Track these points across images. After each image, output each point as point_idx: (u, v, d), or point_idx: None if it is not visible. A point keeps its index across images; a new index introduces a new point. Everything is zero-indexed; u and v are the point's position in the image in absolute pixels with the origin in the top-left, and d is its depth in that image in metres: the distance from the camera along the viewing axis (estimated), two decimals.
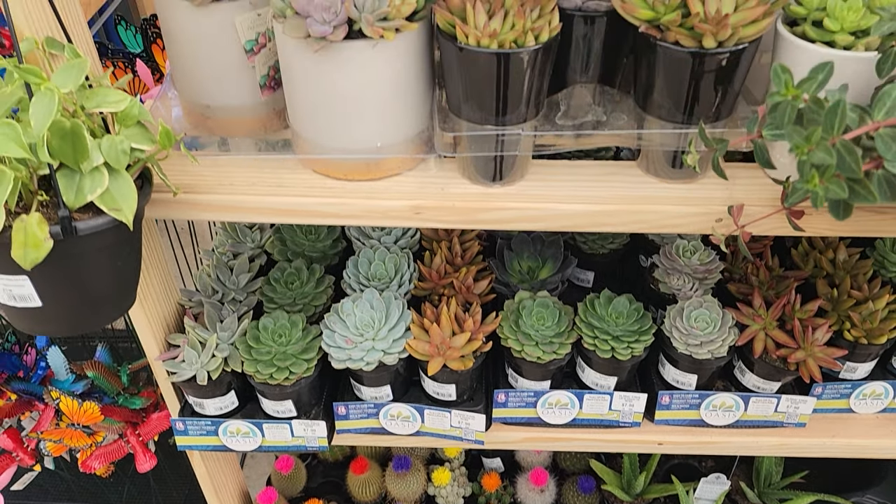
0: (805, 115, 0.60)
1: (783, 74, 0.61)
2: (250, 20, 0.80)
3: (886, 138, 0.57)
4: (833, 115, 0.57)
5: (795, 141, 0.59)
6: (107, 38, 1.75)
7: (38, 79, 0.62)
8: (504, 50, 0.71)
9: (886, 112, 0.58)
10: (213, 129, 0.89)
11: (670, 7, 0.72)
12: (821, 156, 0.57)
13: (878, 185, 0.58)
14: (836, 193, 0.58)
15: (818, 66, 0.61)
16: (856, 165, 0.56)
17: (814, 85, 0.60)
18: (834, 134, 0.57)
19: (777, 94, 0.61)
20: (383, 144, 0.80)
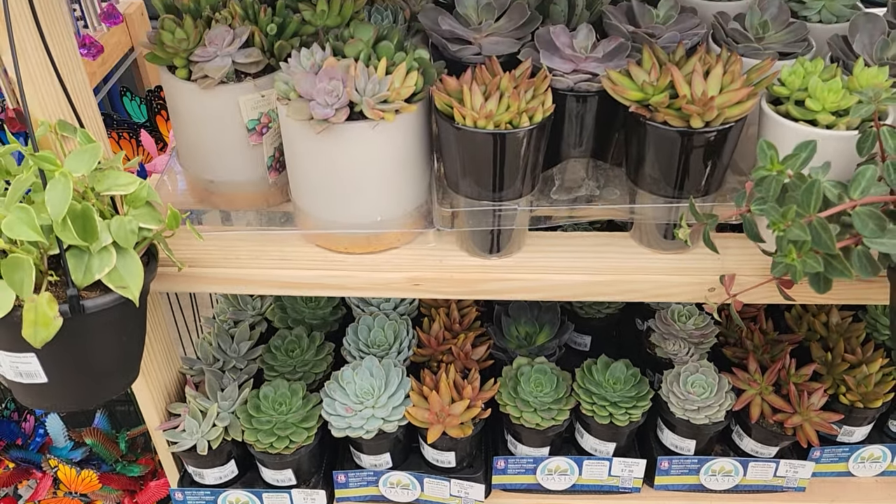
0: (789, 190, 0.63)
1: (769, 150, 0.64)
2: (254, 101, 0.83)
3: (863, 216, 0.59)
4: (809, 194, 0.59)
5: (773, 217, 0.61)
6: (112, 109, 1.79)
7: (53, 165, 0.64)
8: (500, 130, 0.74)
9: (862, 191, 0.60)
10: (217, 203, 0.91)
11: (658, 89, 0.75)
12: (796, 232, 0.59)
13: (858, 260, 0.60)
14: (813, 267, 0.60)
15: (802, 143, 0.64)
16: (830, 242, 0.58)
17: (798, 162, 0.63)
18: (810, 211, 0.59)
19: (763, 168, 0.64)
20: (383, 219, 0.82)
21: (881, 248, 0.58)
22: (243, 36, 0.82)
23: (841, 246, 0.60)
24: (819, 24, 0.92)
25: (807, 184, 0.60)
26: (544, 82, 0.78)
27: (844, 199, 0.61)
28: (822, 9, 0.92)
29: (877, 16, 0.84)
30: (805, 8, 0.93)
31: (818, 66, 0.76)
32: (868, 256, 0.61)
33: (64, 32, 0.75)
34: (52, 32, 0.72)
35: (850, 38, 0.83)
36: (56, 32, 0.73)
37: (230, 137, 0.85)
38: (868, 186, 0.60)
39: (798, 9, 0.93)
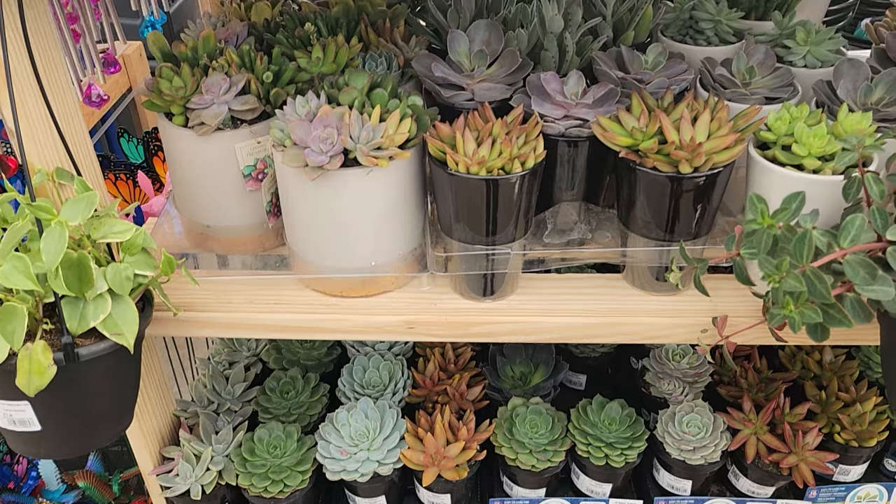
0: (780, 241, 0.63)
1: (759, 204, 0.65)
2: (250, 147, 0.84)
3: (854, 264, 0.60)
4: (801, 245, 0.60)
5: (767, 270, 0.62)
6: (109, 149, 1.81)
7: (49, 215, 0.65)
8: (492, 176, 0.75)
9: (852, 239, 0.61)
10: (213, 247, 0.92)
11: (647, 135, 0.76)
12: (792, 283, 0.60)
13: (851, 307, 0.61)
14: (811, 318, 0.61)
15: (791, 196, 0.65)
16: (826, 292, 0.59)
17: (787, 215, 0.64)
18: (803, 262, 0.60)
19: (753, 222, 0.65)
20: (378, 263, 0.83)
21: (873, 296, 0.59)
22: (240, 84, 0.83)
23: (833, 294, 0.60)
24: (804, 69, 0.94)
25: (799, 235, 0.60)
26: (536, 128, 0.79)
27: (834, 247, 0.61)
28: (806, 54, 0.94)
29: (860, 62, 0.86)
30: (790, 53, 0.95)
31: (804, 112, 0.78)
32: (860, 303, 0.61)
33: (62, 80, 0.76)
34: (50, 81, 0.73)
35: (834, 84, 0.85)
36: (54, 80, 0.74)
37: (226, 183, 0.86)
38: (858, 235, 0.61)
39: (784, 54, 0.95)
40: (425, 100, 0.92)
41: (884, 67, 0.93)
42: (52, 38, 0.73)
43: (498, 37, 0.91)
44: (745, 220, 0.66)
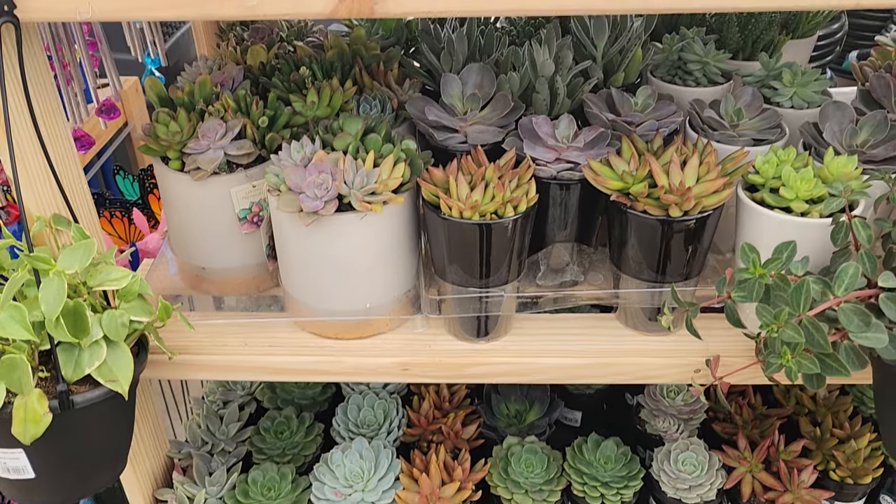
0: (772, 289, 0.64)
1: (751, 254, 0.66)
2: (245, 191, 0.85)
3: (848, 312, 0.61)
4: (798, 294, 0.61)
5: (765, 319, 0.62)
6: (105, 185, 1.82)
7: (47, 265, 0.66)
8: (485, 221, 0.76)
9: (845, 288, 0.62)
10: (209, 288, 0.92)
11: (637, 178, 0.77)
12: (790, 333, 0.60)
13: (846, 354, 0.62)
14: (809, 368, 0.61)
15: (782, 245, 0.66)
16: (823, 341, 0.60)
17: (779, 264, 0.65)
18: (801, 311, 0.61)
19: (745, 271, 0.66)
20: (372, 305, 0.83)
21: (867, 343, 0.60)
22: (235, 128, 0.84)
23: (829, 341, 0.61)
24: (791, 110, 0.96)
25: (796, 284, 0.61)
26: (528, 172, 0.81)
27: (828, 295, 0.62)
28: (793, 95, 0.96)
29: (845, 105, 0.87)
30: (777, 94, 0.96)
31: (790, 155, 0.79)
32: (855, 351, 0.62)
33: (60, 127, 0.77)
34: (48, 128, 0.74)
35: (820, 126, 0.87)
36: (52, 128, 0.75)
37: (222, 226, 0.86)
38: (851, 283, 0.62)
39: (770, 95, 0.97)
40: (419, 142, 0.93)
41: (869, 109, 0.95)
42: (50, 84, 0.74)
43: (490, 80, 0.92)
44: (737, 269, 0.67)
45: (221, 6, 0.63)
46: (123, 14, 0.64)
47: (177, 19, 0.68)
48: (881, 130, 0.84)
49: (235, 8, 0.63)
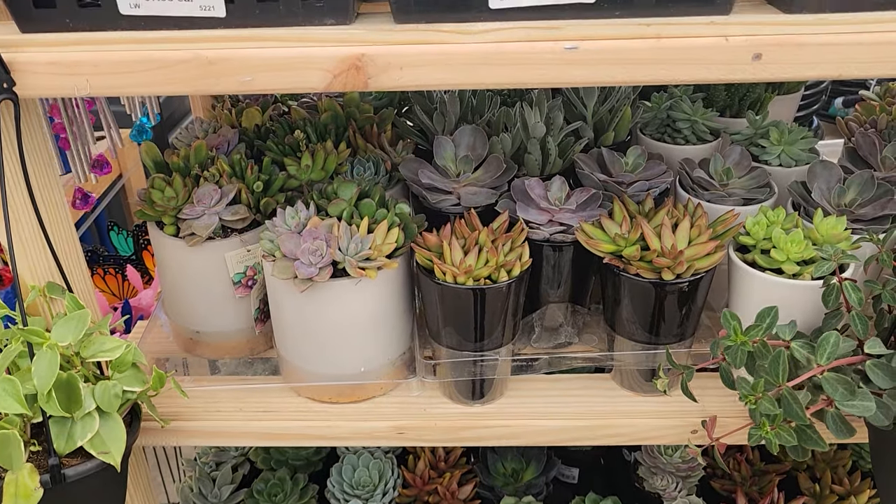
0: (756, 356, 0.65)
1: (732, 321, 0.66)
2: (240, 255, 0.85)
3: (833, 381, 0.61)
4: (776, 364, 0.62)
5: (744, 391, 0.63)
6: (99, 239, 1.82)
7: (41, 338, 0.65)
8: (479, 286, 0.76)
9: (828, 356, 0.62)
10: (203, 351, 0.92)
11: (630, 241, 0.78)
12: (767, 406, 0.61)
13: (833, 422, 0.62)
14: (787, 440, 0.61)
15: (764, 310, 0.67)
16: (801, 412, 0.60)
17: (760, 332, 0.65)
18: (780, 381, 0.61)
19: (727, 339, 0.66)
20: (367, 369, 0.83)
21: (854, 412, 0.60)
22: (230, 194, 0.85)
23: (814, 410, 0.61)
24: (779, 168, 0.97)
25: (773, 354, 0.62)
26: (521, 235, 0.81)
27: (813, 362, 0.63)
28: (781, 153, 0.97)
29: (832, 164, 0.89)
30: (765, 153, 0.98)
31: (780, 216, 0.80)
32: (842, 419, 0.62)
33: (56, 196, 0.77)
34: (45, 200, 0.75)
35: (808, 185, 0.88)
36: (49, 198, 0.76)
37: (216, 290, 0.87)
38: (834, 351, 0.62)
39: (758, 153, 0.99)
40: (413, 203, 0.94)
41: (856, 166, 0.96)
42: (48, 155, 0.75)
43: (483, 141, 0.93)
44: (721, 338, 0.67)
45: (218, 82, 0.64)
46: (121, 90, 0.65)
47: (174, 94, 0.69)
48: (868, 190, 0.85)
49: (231, 84, 0.64)
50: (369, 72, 0.63)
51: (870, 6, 0.63)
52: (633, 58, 0.62)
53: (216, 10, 0.63)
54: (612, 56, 0.62)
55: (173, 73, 0.64)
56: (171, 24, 0.64)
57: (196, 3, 0.63)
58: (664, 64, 0.63)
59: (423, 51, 0.63)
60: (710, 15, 0.63)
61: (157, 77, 0.64)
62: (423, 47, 0.63)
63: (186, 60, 0.63)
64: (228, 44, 0.63)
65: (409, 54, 0.63)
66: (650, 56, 0.62)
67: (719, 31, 0.62)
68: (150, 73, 0.64)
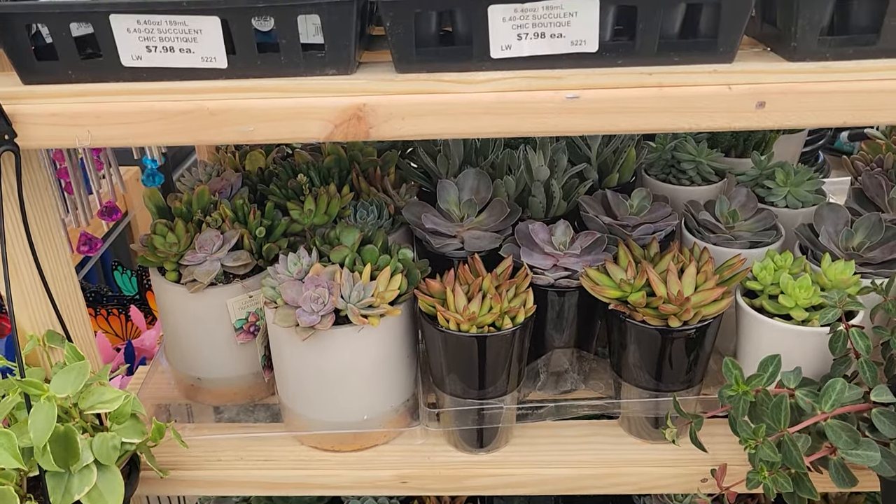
0: (758, 404, 0.63)
1: (734, 370, 0.65)
2: (242, 301, 0.85)
3: (836, 429, 0.60)
4: (777, 411, 0.60)
5: (744, 435, 0.61)
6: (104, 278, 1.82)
7: (39, 390, 0.65)
8: (483, 333, 0.75)
9: (832, 404, 0.61)
10: (205, 398, 0.91)
11: (635, 287, 0.77)
12: (766, 452, 0.59)
13: (836, 471, 0.60)
14: (783, 487, 0.60)
15: (767, 359, 0.66)
16: (800, 460, 0.58)
17: (762, 381, 0.64)
18: (780, 428, 0.60)
19: (729, 388, 0.65)
20: (369, 417, 0.82)
21: (857, 461, 0.59)
22: (232, 240, 0.85)
23: (818, 457, 0.60)
24: (786, 209, 0.96)
25: (775, 400, 0.60)
26: (525, 281, 0.80)
27: (818, 409, 0.61)
28: (787, 195, 0.97)
29: (839, 206, 0.88)
30: (771, 194, 0.97)
31: (787, 260, 0.79)
32: (845, 467, 0.61)
33: (58, 243, 0.77)
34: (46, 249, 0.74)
35: (816, 228, 0.87)
36: (50, 247, 0.75)
37: (218, 337, 0.86)
38: (838, 399, 0.61)
39: (764, 194, 0.98)
40: (416, 246, 0.93)
41: (862, 207, 0.96)
42: (50, 201, 0.75)
43: (486, 185, 0.93)
44: (723, 386, 0.66)
45: (219, 133, 0.64)
46: (122, 141, 0.65)
47: (175, 144, 0.69)
48: (876, 233, 0.84)
49: (232, 134, 0.64)
50: (371, 122, 0.63)
51: (873, 54, 0.62)
52: (635, 107, 0.62)
53: (218, 62, 0.63)
54: (614, 105, 0.62)
55: (174, 124, 0.63)
56: (174, 76, 0.64)
57: (198, 55, 0.63)
58: (667, 113, 0.62)
59: (424, 100, 0.63)
60: (713, 63, 0.63)
61: (159, 128, 0.64)
62: (424, 97, 0.63)
63: (188, 111, 0.63)
64: (230, 94, 0.63)
65: (410, 104, 0.63)
66: (653, 105, 0.62)
67: (722, 79, 0.62)
68: (151, 124, 0.64)
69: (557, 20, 0.61)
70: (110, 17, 0.61)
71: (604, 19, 0.61)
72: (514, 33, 0.62)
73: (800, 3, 0.60)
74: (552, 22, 0.61)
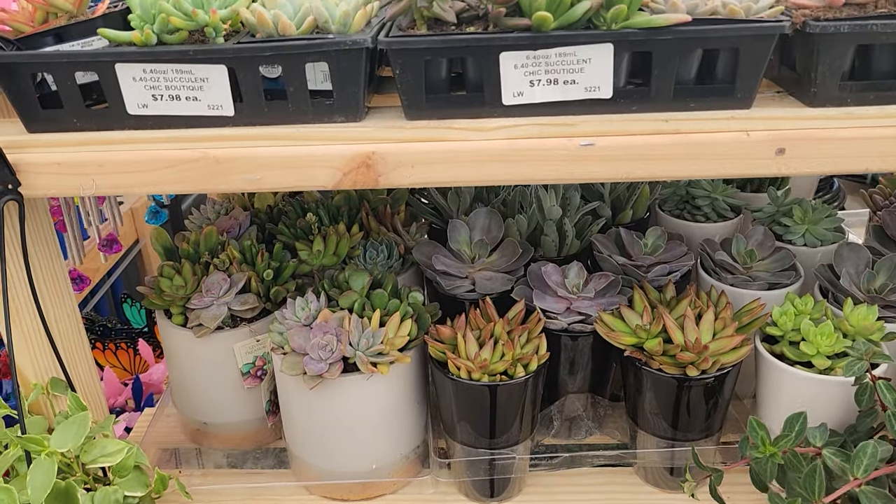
0: (787, 467, 0.61)
1: (759, 431, 0.63)
2: (249, 346, 0.83)
3: (870, 495, 0.57)
4: (812, 480, 0.58)
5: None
6: (114, 308, 1.81)
7: (39, 446, 0.63)
8: (495, 382, 0.73)
9: (864, 469, 0.58)
10: (211, 443, 0.89)
11: (651, 333, 0.75)
12: None
13: None
14: None
15: (793, 417, 0.63)
16: None
17: (790, 441, 0.62)
18: (816, 497, 0.58)
19: (756, 449, 0.63)
20: (379, 466, 0.80)
21: None
22: (240, 283, 0.83)
23: None
24: (804, 248, 0.94)
25: (808, 469, 0.58)
26: (538, 326, 0.78)
27: (848, 473, 0.59)
28: (805, 232, 0.94)
29: (859, 246, 0.86)
30: (789, 232, 0.95)
31: (808, 305, 0.77)
32: None
33: (62, 289, 0.76)
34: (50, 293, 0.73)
35: (836, 269, 0.85)
36: (54, 293, 0.74)
37: (224, 381, 0.84)
38: (871, 463, 0.58)
39: (782, 232, 0.96)
40: (426, 286, 0.92)
41: (882, 244, 0.94)
42: (54, 248, 0.74)
43: (498, 224, 0.91)
44: (749, 446, 0.63)
45: (225, 181, 0.62)
46: (127, 189, 0.64)
47: (181, 192, 0.68)
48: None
49: (239, 182, 0.62)
50: (379, 169, 0.62)
51: (894, 99, 0.61)
52: (651, 154, 0.61)
53: (224, 109, 0.62)
54: (629, 152, 0.61)
55: (180, 173, 0.62)
56: (180, 123, 0.63)
57: (204, 103, 0.62)
58: (683, 160, 0.61)
59: (434, 148, 0.61)
60: (731, 109, 0.61)
61: (165, 176, 0.63)
62: (434, 145, 0.61)
63: (194, 160, 0.62)
64: (236, 143, 0.62)
65: (420, 152, 0.61)
66: (669, 152, 0.61)
67: (740, 125, 0.60)
68: (157, 173, 0.63)
69: (571, 67, 0.60)
70: (116, 66, 0.60)
71: (618, 66, 0.60)
72: (526, 80, 0.61)
73: (820, 49, 0.58)
74: (565, 69, 0.60)
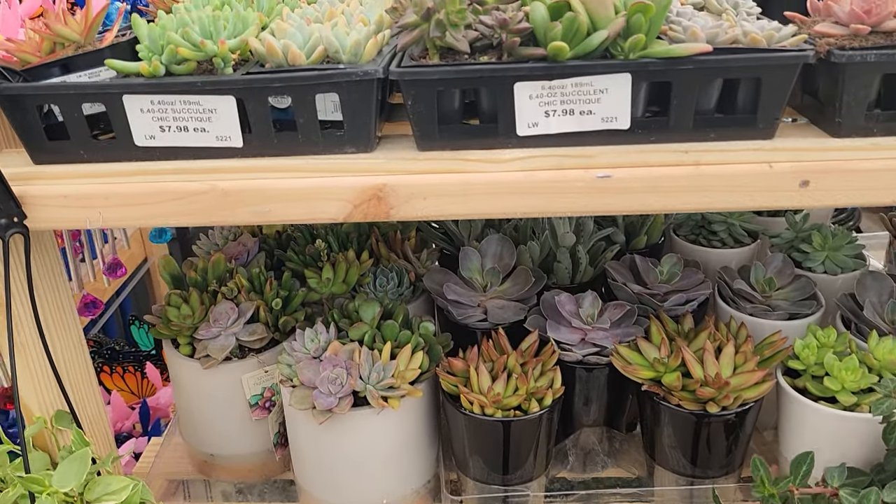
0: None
1: (760, 469, 0.61)
2: (257, 377, 0.82)
3: None
4: None
5: None
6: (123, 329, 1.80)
7: (41, 486, 0.61)
8: (508, 418, 0.71)
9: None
10: (218, 475, 0.87)
11: (670, 367, 0.73)
12: None
13: None
14: None
15: (800, 457, 0.61)
16: None
17: (796, 480, 0.60)
18: None
19: (757, 489, 0.61)
20: (389, 501, 0.78)
21: None
22: (248, 312, 0.82)
23: None
24: (824, 275, 0.92)
25: None
26: (552, 358, 0.77)
27: None
28: (825, 260, 0.92)
29: (883, 275, 0.84)
30: (808, 259, 0.93)
31: (831, 337, 0.74)
32: None
33: (69, 320, 0.75)
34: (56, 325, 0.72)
35: (858, 298, 0.83)
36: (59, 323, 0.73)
37: (232, 413, 0.83)
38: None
39: (801, 259, 0.94)
40: (437, 314, 0.90)
41: None
42: (60, 278, 0.73)
43: (510, 251, 0.90)
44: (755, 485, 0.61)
45: (233, 214, 0.61)
46: (134, 222, 0.63)
47: (188, 225, 0.67)
48: None
49: (247, 215, 0.61)
50: (391, 202, 0.60)
51: None
52: (669, 186, 0.59)
53: (233, 141, 0.61)
54: (647, 184, 0.59)
55: (188, 205, 0.61)
56: (188, 155, 0.62)
57: (212, 134, 0.61)
58: (704, 192, 0.59)
59: (447, 180, 0.60)
60: (753, 140, 0.59)
61: (172, 209, 0.61)
62: (448, 177, 0.60)
63: (202, 192, 0.61)
64: (245, 174, 0.61)
65: (432, 184, 0.60)
66: (688, 184, 0.59)
67: (763, 157, 0.58)
68: (164, 205, 0.61)
69: (587, 97, 0.58)
70: (124, 98, 0.59)
71: (636, 95, 0.58)
72: (541, 110, 0.59)
73: (845, 79, 0.57)
74: (581, 99, 0.58)
